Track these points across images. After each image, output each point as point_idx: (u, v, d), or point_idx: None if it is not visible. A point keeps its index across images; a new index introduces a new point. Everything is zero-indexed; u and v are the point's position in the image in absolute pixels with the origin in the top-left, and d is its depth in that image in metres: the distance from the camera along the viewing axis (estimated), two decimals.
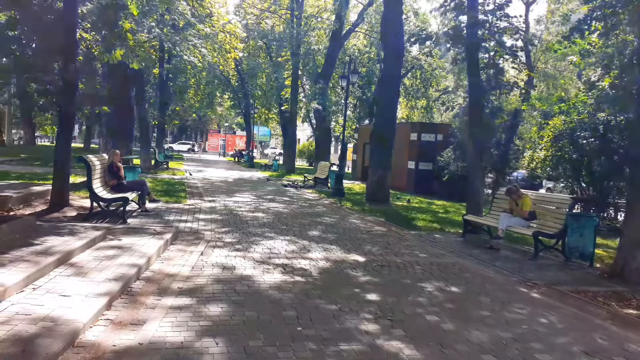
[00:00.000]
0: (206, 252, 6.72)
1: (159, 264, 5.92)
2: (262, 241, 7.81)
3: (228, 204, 12.47)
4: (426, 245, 8.63)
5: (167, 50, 26.19)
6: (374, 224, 10.75)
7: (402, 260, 7.22)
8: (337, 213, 12.27)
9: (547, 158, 16.55)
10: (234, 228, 8.87)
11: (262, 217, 10.46)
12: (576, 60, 20.27)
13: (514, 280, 6.56)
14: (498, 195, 10.09)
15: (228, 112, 59.10)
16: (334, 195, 16.45)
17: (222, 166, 34.25)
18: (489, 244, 8.89)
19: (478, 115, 10.71)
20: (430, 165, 21.70)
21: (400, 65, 16.57)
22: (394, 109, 16.15)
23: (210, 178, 21.29)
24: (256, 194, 15.51)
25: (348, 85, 17.16)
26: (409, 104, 37.13)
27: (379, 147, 15.70)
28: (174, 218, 9.44)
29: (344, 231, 9.42)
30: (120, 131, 14.56)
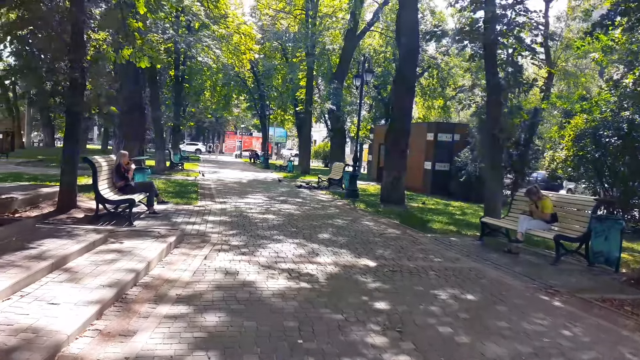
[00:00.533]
0: (210, 256, 6.48)
1: (160, 269, 5.68)
2: (270, 244, 7.54)
3: (239, 205, 12.25)
4: (441, 249, 8.27)
5: (182, 52, 26.22)
6: (387, 226, 10.42)
7: (415, 265, 6.88)
8: (350, 215, 11.96)
9: (568, 158, 16.01)
10: (242, 230, 8.63)
11: (273, 219, 10.20)
12: (598, 57, 19.67)
13: (534, 287, 6.17)
14: (517, 197, 9.67)
15: (244, 113, 59.13)
16: (348, 197, 16.14)
17: (237, 167, 34.18)
18: (507, 247, 8.49)
19: (496, 114, 10.30)
20: (447, 166, 21.26)
21: (416, 64, 16.19)
22: (409, 108, 15.78)
23: (224, 179, 21.15)
24: (269, 196, 15.28)
25: (362, 85, 16.83)
26: (426, 104, 36.64)
27: (394, 147, 15.34)
28: (181, 220, 9.24)
29: (356, 234, 9.11)
30: (132, 132, 14.47)
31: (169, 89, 30.77)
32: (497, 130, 10.07)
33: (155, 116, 22.35)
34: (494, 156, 10.35)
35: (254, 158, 46.99)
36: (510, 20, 10.29)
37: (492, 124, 10.23)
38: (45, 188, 10.55)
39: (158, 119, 22.08)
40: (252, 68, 39.32)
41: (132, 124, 14.49)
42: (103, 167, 8.70)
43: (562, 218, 8.23)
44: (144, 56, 10.56)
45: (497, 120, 10.24)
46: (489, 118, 10.35)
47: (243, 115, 65.60)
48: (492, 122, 10.24)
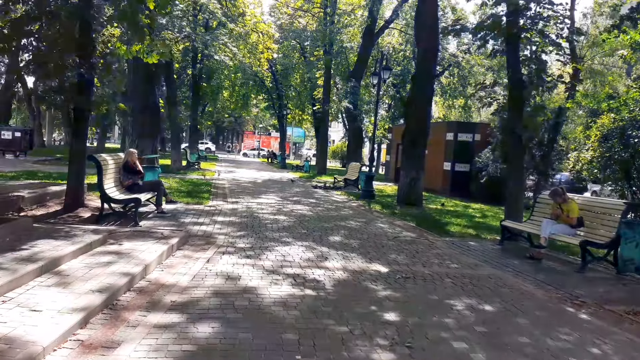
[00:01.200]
0: (213, 259, 6.18)
1: (158, 272, 5.40)
2: (277, 247, 7.21)
3: (251, 205, 11.97)
4: (458, 254, 7.83)
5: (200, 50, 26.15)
6: (402, 229, 10.01)
7: (430, 271, 6.48)
8: (364, 217, 11.57)
9: (594, 159, 15.35)
10: (251, 232, 8.32)
11: (283, 220, 9.88)
12: (627, 54, 18.87)
13: (559, 297, 5.72)
14: (540, 199, 9.17)
15: (263, 113, 59.14)
16: (363, 198, 15.76)
17: (254, 167, 34.05)
18: (529, 253, 8.01)
19: (519, 112, 9.80)
20: (467, 167, 20.67)
21: (435, 61, 15.70)
22: (428, 107, 15.31)
23: (239, 179, 20.96)
24: (282, 196, 14.98)
25: (379, 83, 16.43)
26: (446, 103, 35.98)
27: (412, 147, 14.90)
28: (189, 220, 8.99)
29: (369, 237, 8.72)
30: (145, 130, 14.34)
31: (187, 88, 30.80)
32: (519, 129, 9.57)
33: (171, 115, 22.31)
34: (516, 156, 9.85)
35: (272, 158, 46.89)
36: (534, 14, 9.77)
37: (515, 122, 9.73)
38: (55, 186, 10.42)
39: (175, 117, 22.00)
40: (271, 67, 39.20)
41: (145, 122, 14.35)
42: (109, 165, 8.50)
43: (589, 223, 7.72)
44: (152, 52, 10.37)
45: (519, 119, 9.73)
46: (511, 116, 9.85)
47: (262, 115, 65.69)
48: (515, 121, 9.74)
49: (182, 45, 28.56)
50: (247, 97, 44.95)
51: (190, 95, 28.83)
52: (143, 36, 10.04)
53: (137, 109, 14.17)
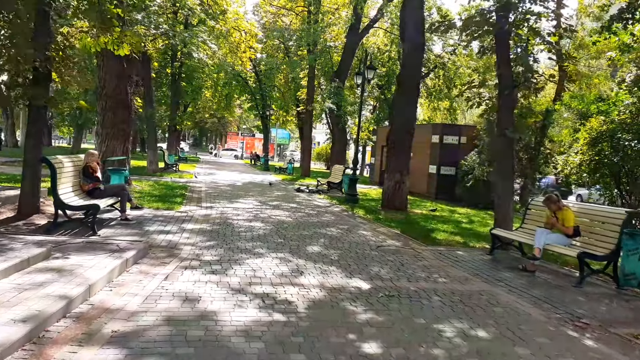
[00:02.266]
0: (173, 275, 5.47)
1: (105, 293, 4.69)
2: (249, 260, 6.52)
3: (226, 211, 11.25)
4: (447, 266, 7.23)
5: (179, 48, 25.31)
6: (386, 237, 9.39)
7: (416, 287, 5.85)
8: (347, 223, 10.94)
9: (583, 163, 14.96)
10: (221, 241, 7.62)
11: (259, 228, 9.18)
12: (615, 56, 18.52)
13: (558, 318, 5.13)
14: (532, 206, 8.62)
15: (247, 114, 58.30)
16: (347, 202, 15.15)
17: (236, 169, 33.23)
18: (522, 264, 7.45)
19: (508, 112, 9.26)
20: (452, 170, 20.18)
21: (421, 60, 15.17)
22: (414, 107, 14.76)
23: (218, 182, 20.18)
24: (261, 200, 14.28)
25: (363, 82, 15.82)
26: (431, 105, 35.61)
27: (397, 148, 14.33)
28: (155, 228, 8.25)
29: (350, 246, 8.08)
30: (115, 131, 13.51)
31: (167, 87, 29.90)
32: (510, 131, 9.03)
33: (147, 114, 21.44)
34: (506, 160, 9.31)
35: (255, 160, 46.10)
36: (525, 10, 9.24)
37: (503, 123, 9.19)
38: (12, 190, 9.59)
39: (151, 117, 21.13)
40: (254, 67, 38.44)
41: (115, 122, 13.53)
42: (66, 168, 7.73)
43: (585, 232, 7.19)
44: (122, 43, 9.62)
45: (508, 120, 9.19)
46: (500, 117, 9.31)
47: (246, 116, 64.86)
48: (503, 122, 9.20)
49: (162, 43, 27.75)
50: (230, 97, 44.12)
51: (170, 94, 27.93)
52: (111, 26, 9.33)
53: (106, 107, 13.34)
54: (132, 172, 20.32)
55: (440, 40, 31.96)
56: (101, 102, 13.71)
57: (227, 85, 40.83)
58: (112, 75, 13.48)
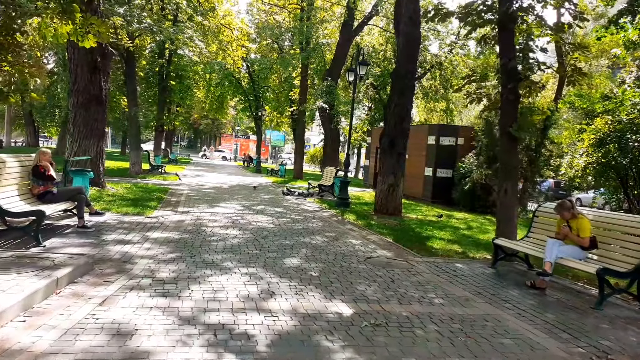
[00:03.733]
0: (112, 299, 4.50)
1: (15, 325, 3.71)
2: (212, 277, 5.55)
3: (203, 216, 10.27)
4: (444, 282, 6.28)
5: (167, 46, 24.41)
6: (377, 246, 8.44)
7: (408, 311, 4.90)
8: (335, 230, 9.98)
9: (588, 165, 14.08)
10: (186, 253, 6.64)
11: (234, 237, 8.21)
12: (620, 53, 17.62)
13: (582, 354, 4.19)
14: (539, 212, 7.69)
15: (240, 115, 57.31)
16: (338, 206, 14.20)
17: (227, 171, 32.24)
18: (530, 280, 6.50)
19: (512, 108, 8.34)
20: (449, 172, 19.26)
21: (417, 56, 14.24)
22: (409, 105, 13.83)
23: (203, 184, 19.19)
24: (245, 204, 13.30)
25: (356, 79, 14.88)
26: (427, 107, 34.74)
27: (391, 149, 13.39)
28: (114, 237, 7.27)
29: (335, 258, 7.12)
30: (88, 129, 12.52)
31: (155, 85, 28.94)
32: (513, 128, 8.11)
33: (131, 114, 20.46)
34: (510, 161, 8.39)
35: (248, 162, 45.13)
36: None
37: (507, 120, 8.27)
38: None
39: (134, 116, 20.15)
40: (247, 68, 37.50)
41: (88, 119, 12.55)
42: (9, 168, 6.75)
43: (603, 244, 6.26)
44: (88, 34, 8.66)
45: (511, 116, 8.27)
46: (503, 114, 8.40)
47: (239, 118, 63.84)
48: (507, 118, 8.28)
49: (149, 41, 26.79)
50: (223, 98, 43.14)
51: (157, 93, 26.98)
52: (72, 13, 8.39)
53: (78, 103, 12.36)
54: (114, 174, 19.35)
55: (437, 40, 31.16)
56: (73, 98, 12.73)
57: (220, 86, 39.89)
58: (84, 69, 12.49)
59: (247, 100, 41.07)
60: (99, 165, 12.97)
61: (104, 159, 13.37)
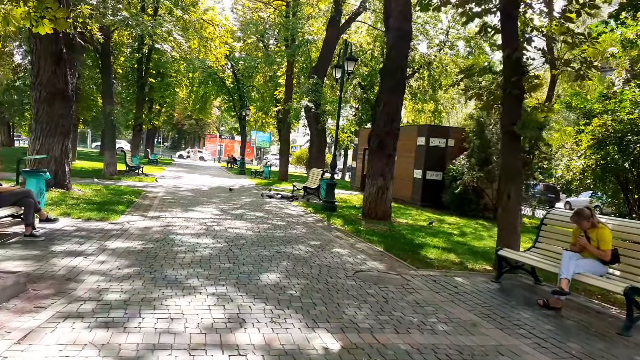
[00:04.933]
0: (37, 333, 3.56)
1: None
2: (171, 300, 4.63)
3: (174, 222, 9.32)
4: (446, 301, 5.43)
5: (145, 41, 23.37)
6: (367, 257, 7.58)
7: (408, 343, 4.04)
8: (320, 237, 9.10)
9: (587, 168, 13.40)
10: (146, 268, 5.71)
11: (206, 246, 7.28)
12: (617, 52, 16.98)
13: None
14: (548, 220, 6.90)
15: (224, 115, 56.21)
16: (324, 210, 13.35)
17: (209, 172, 31.15)
18: (543, 299, 5.68)
19: (516, 105, 7.56)
20: (439, 175, 18.53)
21: (407, 50, 13.46)
22: (399, 103, 13.04)
23: (182, 186, 18.17)
24: (223, 208, 12.35)
25: (343, 76, 14.04)
26: (416, 107, 34.06)
27: (380, 150, 12.59)
28: (65, 248, 6.29)
29: (320, 272, 6.24)
30: (52, 126, 11.48)
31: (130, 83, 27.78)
32: (517, 126, 7.33)
33: (105, 111, 19.37)
34: (512, 162, 7.60)
35: (232, 163, 44.06)
36: None
37: (510, 117, 7.49)
38: None
39: (109, 114, 19.06)
40: (232, 66, 36.51)
41: (52, 115, 11.51)
42: None
43: (625, 257, 5.48)
44: (43, 19, 7.68)
45: (515, 113, 7.49)
46: (506, 110, 7.62)
47: (224, 119, 62.70)
48: (510, 116, 7.50)
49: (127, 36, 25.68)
50: (206, 98, 42.04)
51: (136, 90, 25.83)
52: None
53: (41, 98, 11.31)
54: (87, 175, 18.25)
55: (426, 39, 30.53)
56: (35, 92, 11.67)
57: (203, 85, 38.80)
58: (48, 61, 11.45)
59: (231, 100, 40.04)
60: (64, 165, 11.94)
61: (69, 159, 12.34)
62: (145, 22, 18.07)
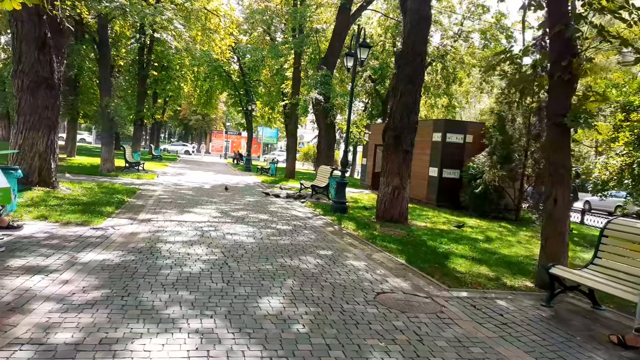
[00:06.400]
0: None
1: None
2: (138, 341, 3.50)
3: (166, 227, 8.21)
4: (494, 338, 4.27)
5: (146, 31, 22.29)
6: (387, 271, 6.42)
7: None
8: (331, 245, 7.96)
9: (625, 167, 12.18)
10: (118, 290, 4.59)
11: (197, 259, 6.14)
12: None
13: None
14: (610, 231, 5.69)
15: (230, 110, 55.10)
16: (334, 211, 12.20)
17: (214, 169, 30.10)
18: (617, 335, 4.50)
19: (566, 92, 6.37)
20: (456, 173, 17.29)
21: (427, 37, 12.27)
22: (417, 96, 11.86)
23: (183, 184, 17.09)
24: (224, 209, 11.24)
25: (355, 64, 12.84)
26: (428, 102, 32.77)
27: (396, 146, 11.44)
28: (24, 263, 5.19)
29: (334, 295, 5.10)
30: (36, 118, 10.44)
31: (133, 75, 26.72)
32: (568, 117, 6.16)
33: (102, 104, 18.33)
34: (560, 160, 6.42)
35: (238, 159, 42.97)
36: None
37: (557, 107, 6.31)
38: None
39: (106, 107, 18.01)
40: (238, 60, 35.39)
41: (36, 107, 10.46)
42: None
43: None
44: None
45: (563, 103, 6.31)
46: (553, 99, 6.44)
47: (230, 114, 61.63)
48: (557, 105, 6.32)
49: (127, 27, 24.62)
50: (211, 92, 40.93)
51: (137, 83, 24.77)
52: None
53: (23, 87, 10.27)
54: (82, 171, 17.24)
55: (439, 31, 29.25)
56: (17, 80, 10.59)
57: (209, 79, 37.67)
58: (31, 46, 10.37)
59: (237, 94, 38.90)
60: (50, 161, 10.87)
61: (56, 154, 11.26)
62: (145, 9, 16.98)
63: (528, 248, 9.93)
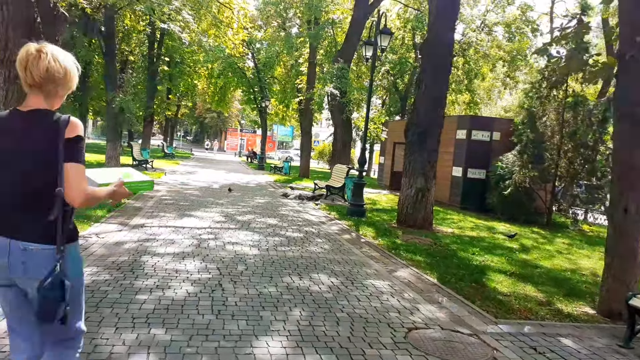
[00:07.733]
0: None
1: None
2: None
3: (159, 235, 7.17)
4: None
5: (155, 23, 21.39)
6: (417, 294, 5.28)
7: None
8: (347, 258, 6.83)
9: None
10: None
11: (186, 278, 5.06)
12: None
13: None
14: None
15: (244, 107, 54.24)
16: (350, 215, 11.09)
17: (226, 167, 29.16)
18: None
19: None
20: (482, 173, 16.01)
21: (454, 25, 11.08)
22: (444, 88, 10.68)
23: (190, 183, 16.12)
24: (229, 212, 10.18)
25: (375, 53, 11.67)
26: (449, 99, 31.42)
27: (420, 143, 10.27)
28: None
29: (352, 331, 3.97)
30: None
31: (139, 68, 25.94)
32: None
33: (108, 99, 17.48)
34: (631, 159, 5.23)
35: (252, 158, 42.06)
36: None
37: (632, 94, 5.12)
38: None
39: (111, 102, 17.14)
40: (252, 56, 34.46)
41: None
42: None
43: None
44: None
45: None
46: (624, 85, 5.25)
47: (245, 112, 60.89)
48: (632, 92, 5.13)
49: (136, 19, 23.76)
50: (225, 89, 40.07)
51: (147, 78, 23.93)
52: None
53: (10, 77, 9.36)
54: None
55: (460, 23, 27.88)
56: (3, 69, 9.63)
57: (223, 76, 36.79)
58: (18, 31, 9.37)
59: (251, 91, 37.97)
60: None
61: None
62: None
63: (571, 260, 8.71)
